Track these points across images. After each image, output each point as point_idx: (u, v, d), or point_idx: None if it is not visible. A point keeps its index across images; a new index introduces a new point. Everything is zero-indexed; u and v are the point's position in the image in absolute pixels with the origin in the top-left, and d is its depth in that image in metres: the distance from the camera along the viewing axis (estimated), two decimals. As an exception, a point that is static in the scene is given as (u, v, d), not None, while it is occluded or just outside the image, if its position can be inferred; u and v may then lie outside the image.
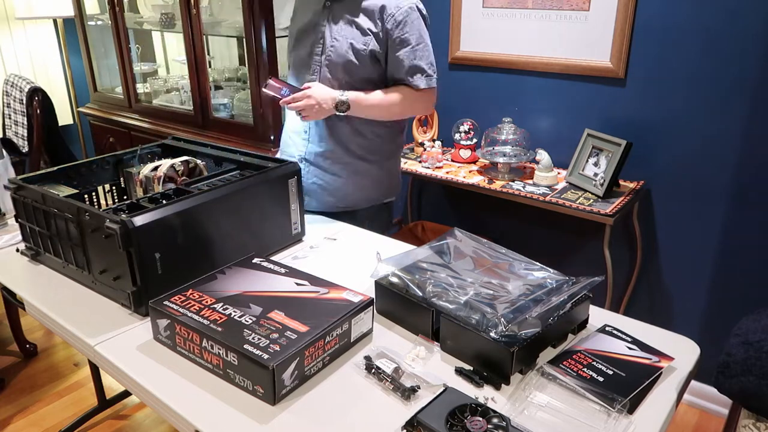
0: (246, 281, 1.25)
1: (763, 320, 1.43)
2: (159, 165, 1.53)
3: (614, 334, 1.20)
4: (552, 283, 1.20)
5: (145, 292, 1.23)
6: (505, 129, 2.24)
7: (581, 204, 1.95)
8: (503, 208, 2.49)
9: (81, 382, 2.39)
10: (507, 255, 1.34)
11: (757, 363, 1.33)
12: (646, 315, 2.24)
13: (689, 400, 2.22)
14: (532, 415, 0.99)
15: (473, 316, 1.10)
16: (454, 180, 2.20)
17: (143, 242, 1.20)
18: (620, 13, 2.01)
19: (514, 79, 2.34)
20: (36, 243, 1.47)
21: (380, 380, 1.07)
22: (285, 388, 1.02)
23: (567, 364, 1.09)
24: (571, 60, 2.16)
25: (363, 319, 1.18)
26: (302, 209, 1.61)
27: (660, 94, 2.02)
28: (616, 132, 2.06)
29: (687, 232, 2.09)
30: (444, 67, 2.51)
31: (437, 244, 1.38)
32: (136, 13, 3.24)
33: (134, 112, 3.18)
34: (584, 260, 2.35)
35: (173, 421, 1.03)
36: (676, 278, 2.17)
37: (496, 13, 2.29)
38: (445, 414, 0.95)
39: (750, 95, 1.85)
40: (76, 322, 1.25)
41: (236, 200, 1.40)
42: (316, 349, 1.07)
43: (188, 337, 1.10)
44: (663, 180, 2.09)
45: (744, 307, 2.01)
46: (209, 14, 2.88)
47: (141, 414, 2.24)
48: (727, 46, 1.85)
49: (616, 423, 0.97)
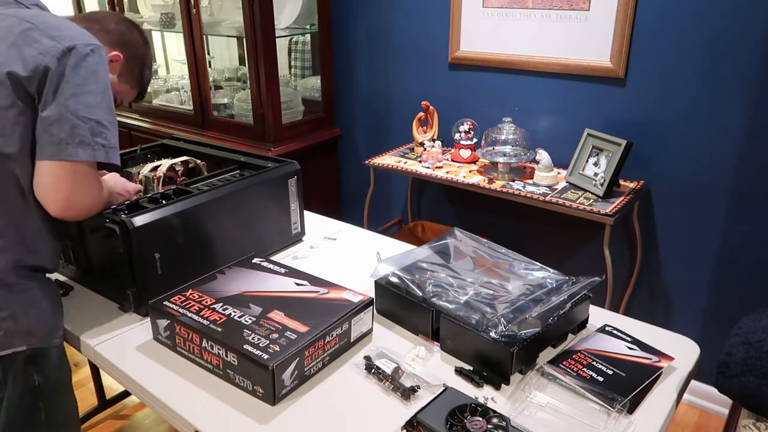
0: (246, 281, 1.25)
1: (763, 320, 1.43)
2: (159, 165, 1.53)
3: (614, 334, 1.20)
4: (552, 283, 1.20)
5: (144, 292, 1.23)
6: (505, 129, 2.24)
7: (581, 204, 1.95)
8: (503, 208, 2.49)
9: (81, 382, 2.38)
10: (507, 255, 1.34)
11: (757, 363, 1.33)
12: (646, 315, 2.24)
13: (689, 400, 2.22)
14: (532, 415, 0.99)
15: (473, 316, 1.10)
16: (454, 180, 2.20)
17: (143, 242, 1.20)
18: (620, 13, 2.01)
19: (514, 79, 2.33)
20: (36, 243, 1.46)
21: (380, 380, 1.07)
22: (285, 388, 1.02)
23: (567, 364, 1.09)
24: (571, 60, 2.16)
25: (363, 319, 1.18)
26: (302, 209, 1.61)
27: (660, 94, 2.02)
28: (616, 132, 2.06)
29: (687, 232, 2.09)
30: (444, 67, 2.51)
31: (437, 244, 1.38)
32: (136, 13, 3.24)
33: (134, 112, 3.18)
34: (584, 260, 2.35)
35: (173, 421, 1.03)
36: (676, 278, 2.17)
37: (496, 13, 2.29)
38: (445, 414, 0.95)
39: (750, 95, 1.85)
40: (76, 322, 1.25)
41: (236, 200, 1.40)
42: (316, 349, 1.07)
43: (188, 337, 1.10)
44: (663, 180, 2.09)
45: (744, 307, 2.01)
46: (209, 14, 2.88)
47: (141, 414, 2.24)
48: (728, 46, 1.85)
49: (616, 423, 0.97)
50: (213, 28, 2.81)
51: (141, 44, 1.35)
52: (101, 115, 1.06)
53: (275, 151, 2.53)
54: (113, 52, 1.27)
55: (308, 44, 2.95)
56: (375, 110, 2.82)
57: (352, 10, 2.72)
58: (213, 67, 3.30)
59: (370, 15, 2.67)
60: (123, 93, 1.36)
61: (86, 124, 1.04)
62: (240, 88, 3.06)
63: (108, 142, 1.07)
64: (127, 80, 1.34)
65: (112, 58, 1.27)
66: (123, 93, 1.36)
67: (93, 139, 1.05)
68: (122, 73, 1.32)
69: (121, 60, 1.29)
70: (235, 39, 3.23)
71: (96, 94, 1.06)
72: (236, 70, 3.27)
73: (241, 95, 2.82)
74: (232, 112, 2.89)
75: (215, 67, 3.35)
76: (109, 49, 1.26)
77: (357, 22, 2.73)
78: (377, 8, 2.63)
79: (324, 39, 2.74)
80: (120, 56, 1.28)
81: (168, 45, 3.54)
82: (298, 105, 2.77)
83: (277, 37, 2.49)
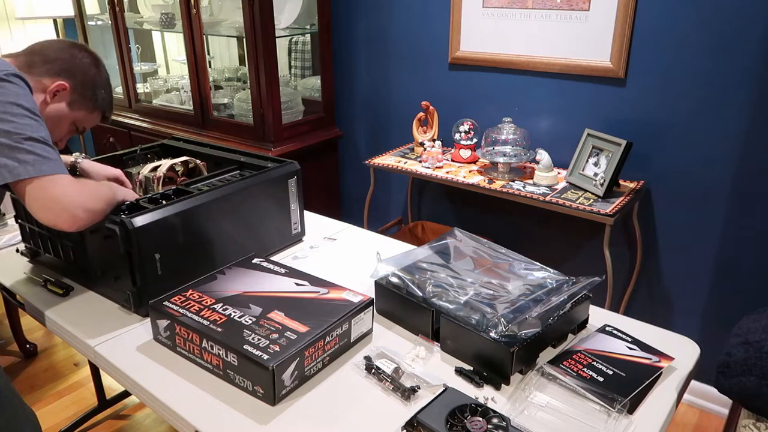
0: (246, 281, 1.25)
1: (763, 320, 1.43)
2: (159, 165, 1.53)
3: (614, 334, 1.20)
4: (552, 283, 1.20)
5: (145, 292, 1.23)
6: (505, 129, 2.24)
7: (581, 204, 1.95)
8: (503, 208, 2.49)
9: (81, 382, 2.39)
10: (507, 255, 1.34)
11: (757, 363, 1.33)
12: (646, 315, 2.24)
13: (689, 400, 2.22)
14: (532, 415, 0.99)
15: (473, 316, 1.10)
16: (454, 180, 2.20)
17: (143, 243, 1.20)
18: (620, 13, 2.01)
19: (514, 79, 2.34)
20: (36, 243, 1.46)
21: (380, 380, 1.07)
22: (285, 388, 1.02)
23: (567, 364, 1.09)
24: (571, 60, 2.16)
25: (363, 319, 1.18)
26: (302, 209, 1.61)
27: (660, 94, 2.02)
28: (616, 132, 2.06)
29: (687, 232, 2.09)
30: (444, 67, 2.51)
31: (437, 244, 1.38)
32: (136, 13, 3.24)
33: (134, 112, 3.18)
34: (584, 260, 2.35)
35: (173, 421, 1.03)
36: (676, 278, 2.17)
37: (496, 13, 2.29)
38: (445, 414, 0.95)
39: (750, 94, 1.85)
40: (76, 322, 1.25)
41: (236, 200, 1.40)
42: (316, 349, 1.07)
43: (188, 337, 1.10)
44: (663, 180, 2.09)
45: (744, 307, 2.01)
46: (209, 14, 2.88)
47: (141, 414, 2.24)
48: (728, 46, 1.85)
49: (616, 423, 0.97)
50: (213, 28, 2.81)
51: (88, 67, 1.31)
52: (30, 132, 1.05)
53: (275, 151, 2.53)
54: (57, 82, 1.24)
55: (308, 44, 2.95)
56: (375, 110, 2.82)
57: (351, 10, 2.72)
58: (213, 67, 3.30)
59: (370, 15, 2.67)
60: (82, 120, 1.33)
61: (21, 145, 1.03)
62: (240, 88, 3.06)
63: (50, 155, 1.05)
64: (81, 107, 1.31)
65: (57, 88, 1.24)
66: (82, 120, 1.33)
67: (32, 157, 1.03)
68: (73, 101, 1.29)
69: (67, 89, 1.26)
70: (235, 39, 3.23)
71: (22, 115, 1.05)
72: (236, 70, 3.28)
73: (241, 95, 2.82)
74: (232, 112, 2.89)
75: (215, 67, 3.35)
76: (52, 80, 1.24)
77: (357, 22, 2.73)
78: (377, 8, 2.63)
79: (324, 39, 2.74)
80: (65, 85, 1.26)
81: (168, 45, 3.54)
82: (298, 105, 2.78)
83: (277, 37, 2.49)
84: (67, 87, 1.26)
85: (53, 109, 1.26)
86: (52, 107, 1.26)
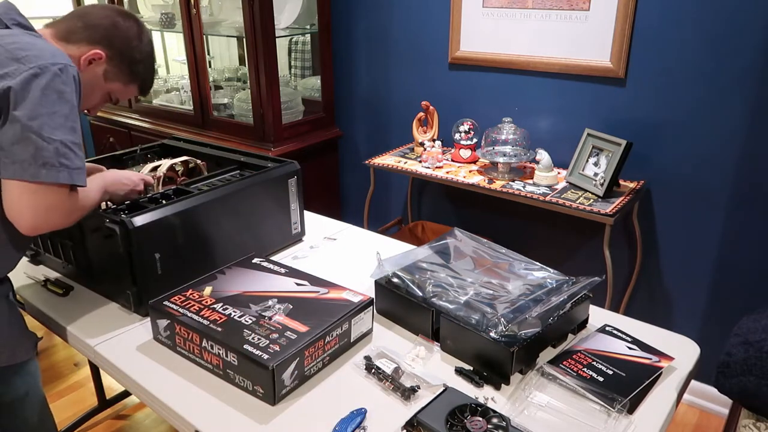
0: (246, 281, 1.25)
1: (763, 320, 1.43)
2: (159, 165, 1.53)
3: (614, 334, 1.20)
4: (552, 283, 1.20)
5: (144, 292, 1.23)
6: (505, 129, 2.24)
7: (581, 204, 1.95)
8: (503, 208, 2.49)
9: (81, 382, 2.39)
10: (507, 255, 1.34)
11: (757, 363, 1.33)
12: (646, 315, 2.23)
13: (689, 400, 2.22)
14: (532, 415, 0.99)
15: (473, 316, 1.10)
16: (454, 180, 2.20)
17: (143, 242, 1.20)
18: (620, 13, 2.01)
19: (514, 79, 2.33)
20: (36, 243, 1.47)
21: (380, 380, 1.07)
22: (285, 388, 1.02)
23: (567, 364, 1.09)
24: (571, 60, 2.16)
25: (363, 319, 1.18)
26: (302, 209, 1.61)
27: (660, 94, 2.02)
28: (616, 132, 2.06)
29: (687, 232, 2.09)
30: (444, 67, 2.51)
31: (437, 244, 1.38)
32: (137, 12, 3.24)
33: (134, 112, 3.18)
34: (584, 260, 2.35)
35: (173, 421, 1.03)
36: (676, 278, 2.17)
37: (496, 13, 2.29)
38: (445, 414, 0.95)
39: (750, 94, 1.85)
40: (76, 322, 1.25)
41: (236, 200, 1.40)
42: (316, 349, 1.07)
43: (188, 337, 1.10)
44: (663, 180, 2.09)
45: (744, 307, 2.01)
46: (209, 14, 2.88)
47: (141, 414, 2.24)
48: (728, 46, 1.85)
49: (616, 423, 0.97)
50: (213, 28, 2.81)
51: (131, 38, 1.24)
52: (64, 135, 1.02)
53: (275, 151, 2.53)
54: (93, 50, 1.20)
55: (308, 44, 2.95)
56: (375, 110, 2.82)
57: (351, 10, 2.72)
58: (213, 67, 3.30)
59: (370, 15, 2.67)
60: (117, 91, 1.28)
61: (50, 144, 1.01)
62: (240, 88, 3.06)
63: (72, 163, 1.03)
64: (117, 77, 1.26)
65: (92, 57, 1.20)
66: (117, 91, 1.28)
67: (58, 160, 1.01)
68: (108, 71, 1.24)
69: (103, 58, 1.21)
70: (235, 39, 3.23)
71: (59, 115, 1.02)
72: (236, 70, 3.27)
73: (241, 95, 2.82)
74: (232, 112, 2.89)
75: (215, 67, 3.35)
76: (89, 48, 1.19)
77: (357, 22, 2.73)
78: (377, 8, 2.63)
79: (324, 39, 2.74)
80: (101, 54, 1.20)
81: (168, 45, 3.54)
82: (298, 105, 2.78)
83: (277, 37, 2.49)
84: (103, 56, 1.21)
85: (86, 76, 1.21)
86: (85, 75, 1.20)
